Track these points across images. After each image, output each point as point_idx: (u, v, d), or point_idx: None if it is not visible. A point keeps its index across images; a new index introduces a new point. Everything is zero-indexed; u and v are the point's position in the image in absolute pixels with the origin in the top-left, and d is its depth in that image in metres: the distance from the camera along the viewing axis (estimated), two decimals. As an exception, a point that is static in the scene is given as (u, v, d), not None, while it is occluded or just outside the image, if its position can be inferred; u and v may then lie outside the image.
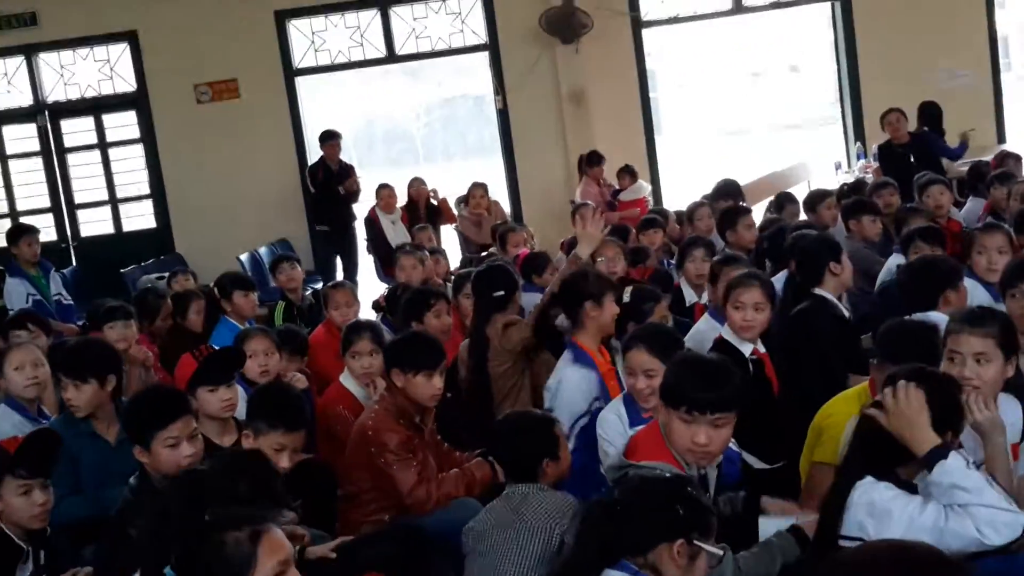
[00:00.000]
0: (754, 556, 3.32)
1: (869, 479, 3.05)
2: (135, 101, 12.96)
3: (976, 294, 5.03)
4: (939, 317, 4.22)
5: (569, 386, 4.66)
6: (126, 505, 3.78)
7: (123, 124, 13.18)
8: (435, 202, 12.14)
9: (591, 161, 11.86)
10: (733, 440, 4.05)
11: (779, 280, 5.90)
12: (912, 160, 10.10)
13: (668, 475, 3.08)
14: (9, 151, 13.34)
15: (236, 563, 2.47)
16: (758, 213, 8.59)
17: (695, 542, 2.81)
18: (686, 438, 3.37)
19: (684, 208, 8.87)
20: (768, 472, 4.34)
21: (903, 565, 1.88)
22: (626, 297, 5.08)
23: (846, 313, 5.28)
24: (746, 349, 4.68)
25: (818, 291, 5.22)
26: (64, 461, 4.32)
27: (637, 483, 2.99)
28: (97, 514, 4.20)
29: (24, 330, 6.37)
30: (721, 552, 2.92)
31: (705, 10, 13.36)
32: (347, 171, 12.05)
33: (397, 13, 13.15)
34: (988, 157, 10.50)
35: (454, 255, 10.49)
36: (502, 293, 5.51)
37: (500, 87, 13.05)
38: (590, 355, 4.78)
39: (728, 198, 8.51)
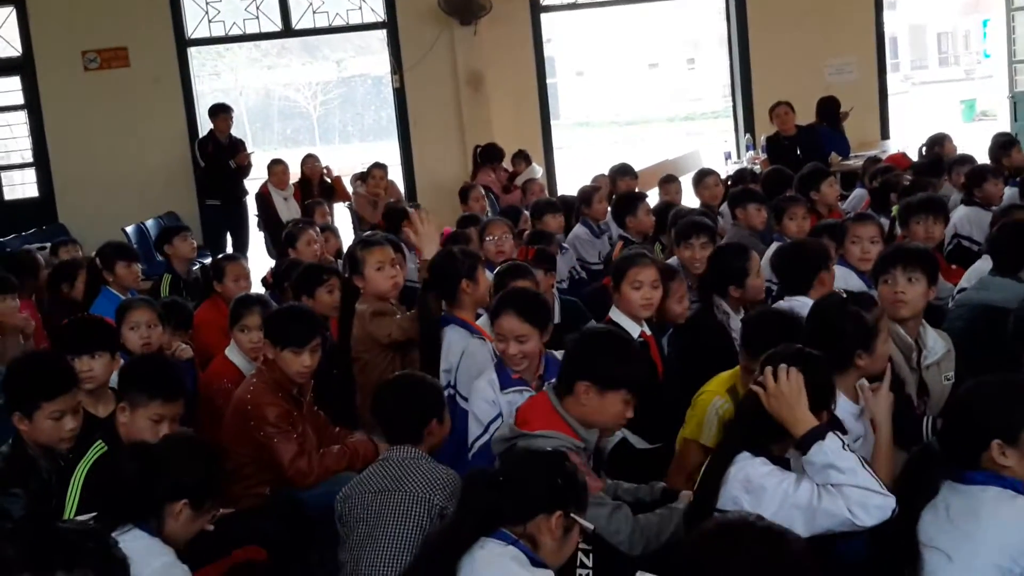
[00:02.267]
0: (653, 516, 3.41)
1: (745, 454, 3.13)
2: (20, 66, 12.56)
3: (850, 281, 5.20)
4: (805, 303, 4.41)
5: (471, 357, 4.69)
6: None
7: (6, 89, 12.76)
8: (329, 180, 12.02)
9: (489, 156, 11.84)
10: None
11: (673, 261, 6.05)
12: (799, 152, 10.34)
13: (549, 448, 3.13)
14: None
15: None
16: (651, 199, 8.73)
17: (571, 515, 2.86)
18: (621, 414, 3.45)
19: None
20: (648, 451, 4.41)
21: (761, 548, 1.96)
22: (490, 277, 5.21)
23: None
24: (634, 331, 4.73)
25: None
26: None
27: (521, 455, 3.03)
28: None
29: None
30: (592, 527, 2.98)
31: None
32: (238, 145, 11.86)
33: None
34: (873, 152, 10.81)
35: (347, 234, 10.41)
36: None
37: (398, 67, 12.98)
38: (474, 327, 4.86)
39: (625, 177, 8.69)
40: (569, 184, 12.66)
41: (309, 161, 12.14)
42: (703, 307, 5.17)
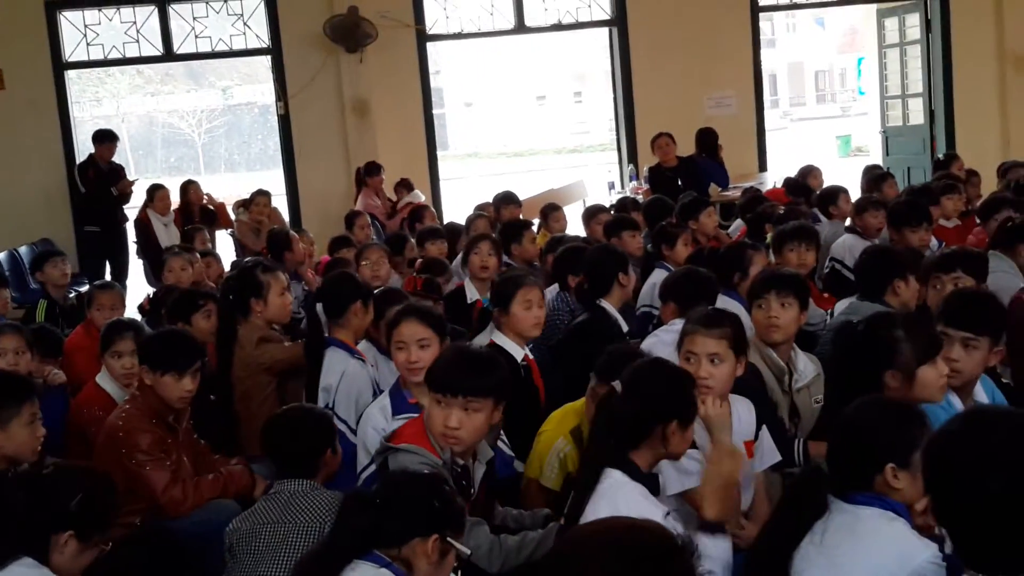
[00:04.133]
0: (515, 536, 3.43)
1: (614, 474, 3.11)
2: None
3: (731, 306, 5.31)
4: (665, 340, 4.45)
5: (350, 379, 4.68)
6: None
7: None
8: (212, 207, 11.86)
9: (369, 172, 11.89)
10: (507, 442, 4.15)
11: (551, 291, 6.11)
12: (679, 183, 10.54)
13: (427, 471, 3.11)
14: None
15: None
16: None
17: (448, 539, 2.85)
18: (439, 420, 3.41)
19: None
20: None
21: (625, 541, 1.94)
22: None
23: (624, 327, 5.46)
24: (518, 354, 4.76)
25: (602, 302, 5.43)
26: None
27: (397, 477, 3.01)
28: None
29: None
30: (469, 551, 2.97)
31: (489, 27, 13.56)
32: (119, 172, 11.63)
33: (176, 11, 12.82)
34: (750, 183, 11.09)
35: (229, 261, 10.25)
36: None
37: (282, 93, 12.88)
38: (356, 350, 4.87)
39: (509, 205, 8.78)
40: (456, 214, 12.69)
41: (190, 188, 11.96)
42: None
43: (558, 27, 13.84)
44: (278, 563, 3.50)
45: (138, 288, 10.82)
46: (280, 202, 12.75)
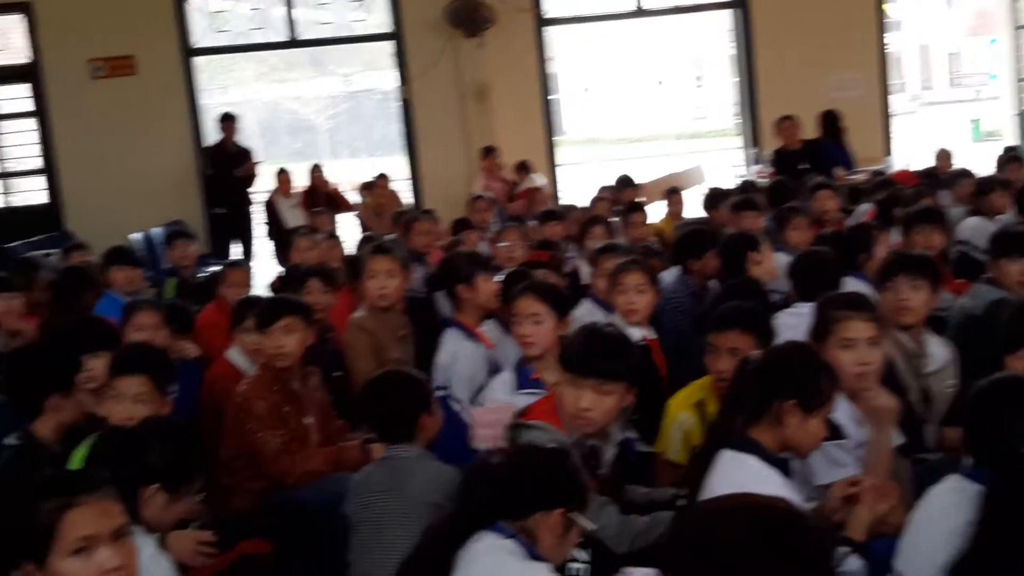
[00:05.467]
0: (644, 517, 3.42)
1: (733, 454, 3.06)
2: (28, 74, 12.59)
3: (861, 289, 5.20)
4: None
5: (464, 360, 4.74)
6: (13, 459, 3.77)
7: (15, 96, 12.80)
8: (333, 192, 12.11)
9: (488, 154, 11.97)
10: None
11: (670, 274, 6.07)
12: (804, 166, 10.35)
13: (554, 445, 3.12)
14: None
15: (39, 532, 2.41)
16: (655, 212, 8.78)
17: (571, 514, 2.85)
18: (571, 401, 3.41)
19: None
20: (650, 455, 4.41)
21: (757, 520, 1.89)
22: (499, 277, 5.28)
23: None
24: (635, 335, 4.74)
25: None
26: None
27: (523, 450, 3.02)
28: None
29: None
30: (593, 527, 2.97)
31: (608, 11, 13.50)
32: (244, 155, 11.94)
33: (301, -2, 13.07)
34: (877, 167, 10.84)
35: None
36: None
37: (404, 78, 13.02)
38: (474, 333, 4.93)
39: (629, 187, 8.74)
40: (574, 199, 12.68)
41: (316, 171, 12.21)
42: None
43: (679, 10, 13.71)
44: (394, 531, 3.52)
45: (267, 268, 11.08)
46: (402, 186, 12.92)
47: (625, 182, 9.48)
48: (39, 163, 12.86)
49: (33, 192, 13.07)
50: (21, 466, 3.71)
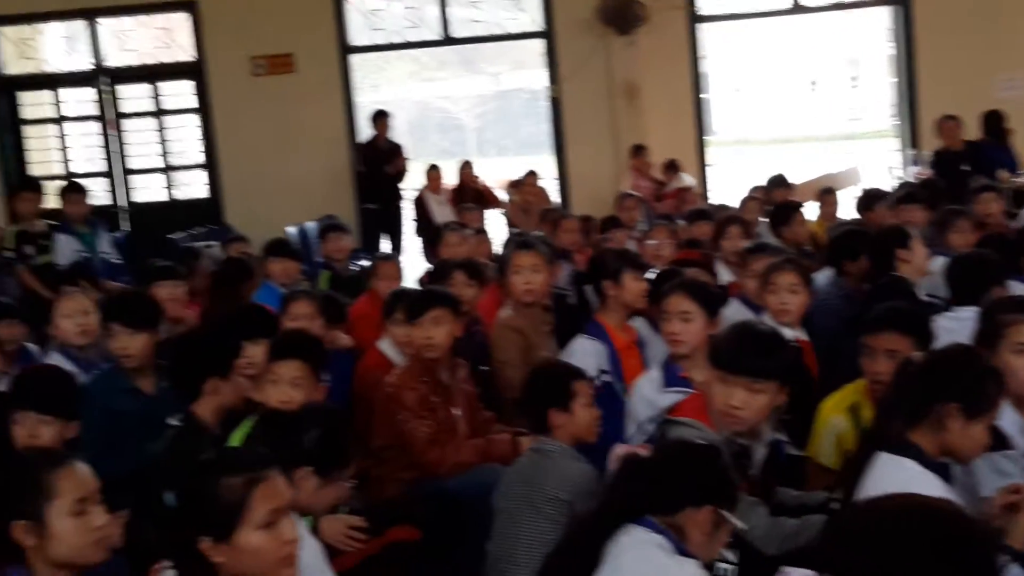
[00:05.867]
0: (794, 519, 3.37)
1: (891, 456, 2.98)
2: (192, 71, 13.06)
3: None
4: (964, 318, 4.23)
5: (576, 355, 4.74)
6: (172, 443, 3.89)
7: (179, 93, 13.30)
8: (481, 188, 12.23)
9: (637, 153, 11.93)
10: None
11: (824, 276, 5.94)
12: (966, 168, 10.01)
13: (704, 442, 3.09)
14: (67, 114, 13.50)
15: (227, 507, 2.47)
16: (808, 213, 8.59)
17: (721, 512, 2.82)
18: (721, 398, 3.37)
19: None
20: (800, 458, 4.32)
21: (925, 520, 1.82)
22: (650, 275, 5.24)
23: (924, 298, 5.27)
24: (786, 335, 4.66)
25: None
26: (100, 416, 4.43)
27: (673, 445, 3.00)
28: (138, 468, 4.24)
29: (74, 285, 6.48)
30: (744, 526, 2.93)
31: (763, 8, 13.27)
32: (396, 151, 12.15)
33: (455, -4, 13.22)
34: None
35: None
36: None
37: (554, 77, 13.05)
38: (607, 330, 4.93)
39: (781, 188, 8.58)
40: (724, 200, 12.51)
41: (465, 168, 12.35)
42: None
43: (838, 6, 13.39)
44: (524, 523, 3.57)
45: (413, 263, 11.25)
46: (549, 185, 12.96)
47: (777, 182, 9.32)
48: (201, 158, 13.31)
49: (195, 186, 13.53)
50: (183, 446, 3.84)
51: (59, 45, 13.81)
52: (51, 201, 10.11)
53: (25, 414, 3.75)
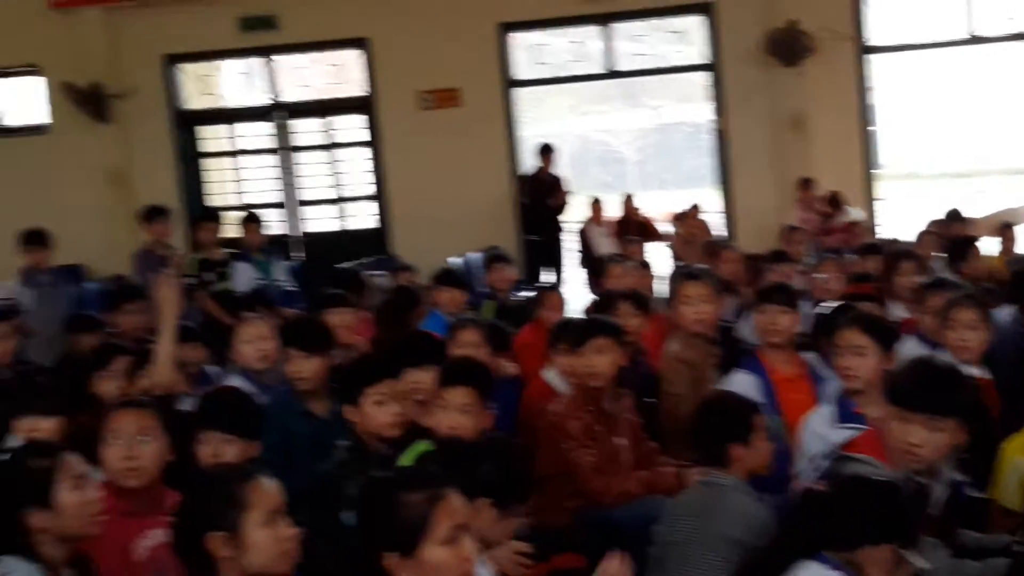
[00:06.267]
0: (976, 563, 3.25)
1: None
2: (363, 105, 13.44)
3: None
4: None
5: (732, 388, 4.68)
6: (342, 463, 3.99)
7: (350, 127, 13.70)
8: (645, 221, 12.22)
9: (804, 186, 11.74)
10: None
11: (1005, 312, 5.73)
12: None
13: (884, 479, 3.01)
14: (244, 147, 14.06)
15: (411, 524, 2.53)
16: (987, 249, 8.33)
17: (901, 551, 2.74)
18: (899, 435, 3.28)
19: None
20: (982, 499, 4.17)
21: None
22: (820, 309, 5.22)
23: None
24: (966, 373, 4.51)
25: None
26: (277, 435, 4.56)
27: (851, 482, 2.94)
28: (309, 487, 4.37)
29: (252, 311, 6.73)
30: (928, 565, 2.84)
31: (937, 38, 12.90)
32: (557, 184, 12.26)
33: (619, 29, 13.24)
34: None
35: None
36: None
37: (719, 109, 12.96)
38: (763, 364, 4.89)
39: (959, 222, 8.34)
40: (895, 234, 12.18)
41: (628, 201, 12.37)
42: None
43: (1017, 36, 12.90)
44: (697, 558, 3.52)
45: (575, 295, 11.28)
46: (712, 217, 12.85)
47: (954, 216, 9.04)
48: (371, 189, 13.65)
49: (364, 216, 13.88)
50: (353, 467, 3.94)
51: (237, 81, 14.39)
52: (229, 231, 10.51)
53: (210, 434, 3.89)
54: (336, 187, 13.89)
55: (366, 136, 13.58)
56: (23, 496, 3.10)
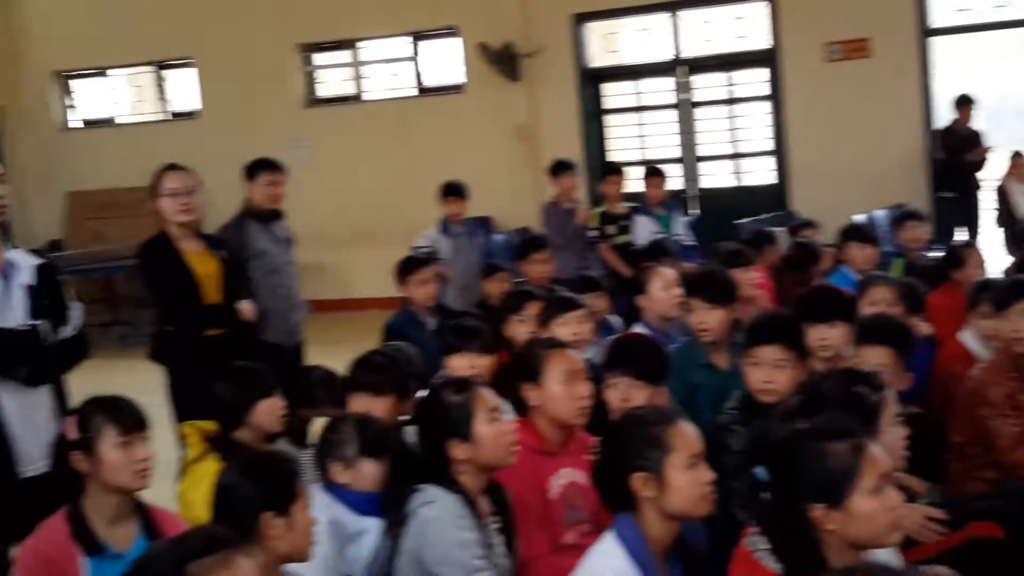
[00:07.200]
0: None
1: None
2: (766, 59, 13.19)
3: None
4: None
5: None
6: (732, 415, 4.03)
7: (752, 81, 13.51)
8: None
9: None
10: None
11: None
12: None
13: None
14: (646, 103, 14.22)
15: (839, 474, 2.51)
16: None
17: None
18: None
19: None
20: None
21: None
22: None
23: None
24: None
25: None
26: (679, 385, 4.64)
27: None
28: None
29: (654, 261, 6.84)
30: None
31: None
32: (976, 138, 11.49)
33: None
34: None
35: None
36: None
37: None
38: None
39: None
40: None
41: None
42: None
43: None
44: None
45: (992, 256, 10.55)
46: None
47: None
48: (770, 145, 13.41)
49: (761, 172, 13.68)
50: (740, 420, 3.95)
51: (639, 38, 14.53)
52: (631, 185, 10.70)
53: (620, 379, 4.01)
54: (733, 142, 13.74)
55: (767, 90, 13.32)
56: (445, 429, 3.33)
